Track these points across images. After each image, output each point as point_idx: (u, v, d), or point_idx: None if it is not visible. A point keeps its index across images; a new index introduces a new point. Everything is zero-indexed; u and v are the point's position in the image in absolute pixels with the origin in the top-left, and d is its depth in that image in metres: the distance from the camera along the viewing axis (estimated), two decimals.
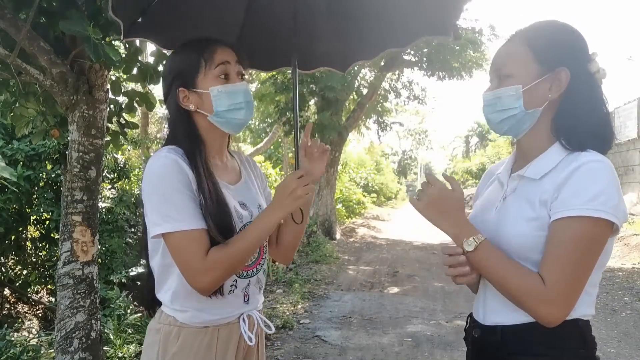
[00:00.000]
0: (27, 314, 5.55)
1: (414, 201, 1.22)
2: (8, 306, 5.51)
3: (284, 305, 5.50)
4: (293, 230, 1.47)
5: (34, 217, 5.46)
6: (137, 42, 2.83)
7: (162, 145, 1.36)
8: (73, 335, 2.52)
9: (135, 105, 3.15)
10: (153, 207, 1.22)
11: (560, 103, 1.16)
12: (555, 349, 1.11)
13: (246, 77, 1.41)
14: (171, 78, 1.34)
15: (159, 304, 1.35)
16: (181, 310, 1.29)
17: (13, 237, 5.41)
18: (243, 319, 1.35)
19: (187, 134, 1.32)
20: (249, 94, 1.35)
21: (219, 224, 1.24)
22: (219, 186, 1.29)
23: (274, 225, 1.30)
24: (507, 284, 1.09)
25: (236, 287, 1.34)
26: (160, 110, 17.59)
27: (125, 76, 3.06)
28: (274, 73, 10.16)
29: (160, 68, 3.04)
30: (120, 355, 3.52)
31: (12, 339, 3.63)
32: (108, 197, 5.77)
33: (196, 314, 1.29)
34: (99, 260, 4.22)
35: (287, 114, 10.35)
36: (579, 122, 1.14)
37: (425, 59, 10.23)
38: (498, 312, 1.19)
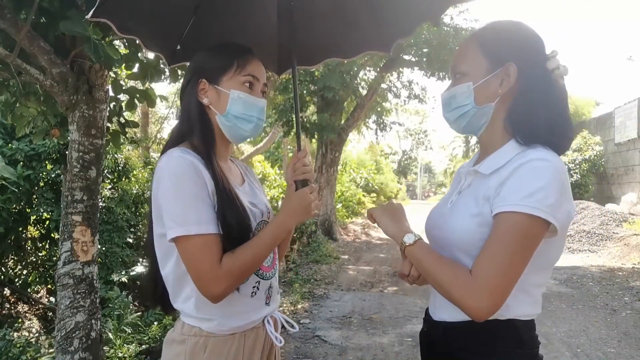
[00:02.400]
0: (27, 314, 5.55)
1: (372, 209, 1.30)
2: (8, 306, 5.51)
3: (284, 305, 5.50)
4: (282, 242, 1.48)
5: (34, 217, 5.46)
6: (138, 40, 2.83)
7: (172, 139, 1.34)
8: (73, 335, 2.52)
9: (136, 102, 3.15)
10: (168, 210, 1.19)
11: (514, 99, 1.17)
12: (490, 347, 1.12)
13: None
14: (196, 69, 1.35)
15: (174, 311, 1.32)
16: (207, 319, 1.25)
17: (13, 237, 5.41)
18: (268, 320, 1.34)
19: (204, 129, 1.31)
20: (264, 113, 1.36)
21: (239, 222, 1.23)
22: (232, 186, 1.29)
23: (285, 234, 1.30)
24: (438, 277, 1.10)
25: (259, 289, 1.32)
26: (161, 110, 17.62)
27: (124, 73, 3.06)
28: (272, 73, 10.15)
29: (161, 65, 3.04)
30: (120, 355, 3.52)
31: (12, 339, 3.63)
32: (108, 197, 5.77)
33: (223, 321, 1.26)
34: (99, 260, 4.22)
35: (288, 115, 10.33)
36: (533, 117, 1.14)
37: (425, 59, 10.22)
38: (443, 309, 1.21)
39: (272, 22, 1.73)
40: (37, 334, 4.59)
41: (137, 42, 1.67)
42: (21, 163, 5.08)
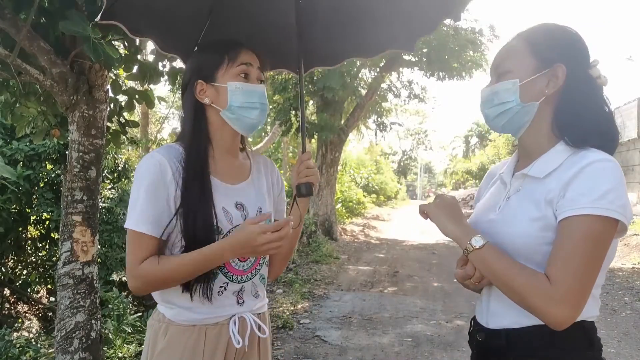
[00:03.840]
0: (27, 314, 5.55)
1: (424, 206, 1.24)
2: (8, 306, 5.51)
3: (284, 305, 5.50)
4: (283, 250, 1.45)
5: (34, 217, 5.46)
6: (137, 41, 2.83)
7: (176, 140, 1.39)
8: (73, 335, 2.52)
9: (135, 103, 3.15)
10: (129, 202, 1.28)
11: (560, 100, 1.15)
12: (563, 351, 1.09)
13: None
14: (191, 72, 1.37)
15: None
16: (169, 307, 1.31)
17: (13, 237, 5.40)
18: (234, 320, 1.32)
19: (193, 130, 1.33)
20: (265, 98, 1.37)
21: (200, 223, 1.25)
22: (210, 186, 1.29)
23: (217, 264, 1.26)
24: (512, 283, 1.06)
25: (226, 289, 1.32)
26: (161, 110, 17.62)
27: (124, 74, 3.06)
28: (272, 73, 10.16)
29: (160, 67, 3.04)
30: (120, 355, 3.52)
31: (12, 339, 3.63)
32: (108, 197, 5.77)
33: (181, 311, 1.29)
34: (99, 260, 4.22)
35: (287, 114, 10.33)
36: (581, 119, 1.13)
37: (425, 59, 10.23)
38: (502, 316, 1.17)
39: (290, 23, 1.72)
40: (37, 334, 4.59)
41: (136, 42, 1.66)
42: (21, 163, 5.07)
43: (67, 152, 2.62)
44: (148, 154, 1.30)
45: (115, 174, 6.22)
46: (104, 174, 5.72)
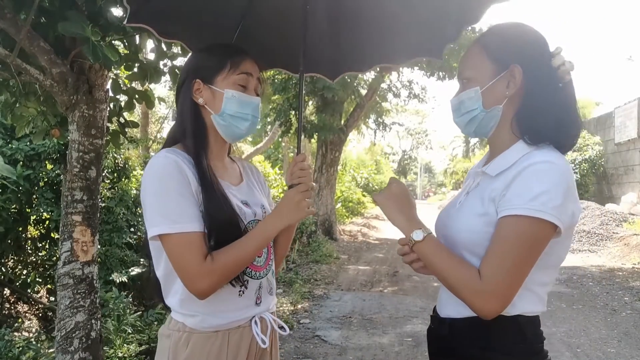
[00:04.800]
0: (27, 314, 5.55)
1: (376, 195, 1.29)
2: (8, 306, 5.51)
3: (284, 305, 5.50)
4: (282, 243, 1.49)
5: (34, 217, 5.46)
6: (137, 40, 2.83)
7: (167, 140, 1.37)
8: (73, 335, 2.52)
9: (135, 102, 3.15)
10: (151, 208, 1.21)
11: (522, 100, 1.18)
12: (495, 342, 1.14)
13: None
14: (191, 70, 1.36)
15: (169, 309, 1.34)
16: (190, 315, 1.27)
17: (13, 237, 5.40)
18: (255, 321, 1.33)
19: (195, 128, 1.33)
20: (258, 111, 1.37)
21: (224, 221, 1.24)
22: (222, 185, 1.30)
23: (274, 234, 1.30)
24: (446, 276, 1.13)
25: (247, 288, 1.32)
26: (161, 110, 17.61)
27: (124, 74, 3.06)
28: (273, 73, 10.16)
29: (160, 66, 3.04)
30: (120, 355, 3.52)
31: (12, 339, 3.63)
32: (108, 197, 5.77)
33: (205, 318, 1.27)
34: (99, 260, 4.21)
35: (287, 115, 10.33)
36: (540, 117, 1.15)
37: (424, 59, 10.21)
38: (448, 305, 1.24)
39: (323, 29, 1.74)
40: (37, 334, 4.59)
41: (136, 42, 1.68)
42: (21, 163, 5.07)
43: (67, 152, 2.62)
44: (158, 156, 1.26)
45: (115, 174, 6.22)
46: (104, 174, 5.72)
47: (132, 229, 6.04)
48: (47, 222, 5.49)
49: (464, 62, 1.26)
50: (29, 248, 5.75)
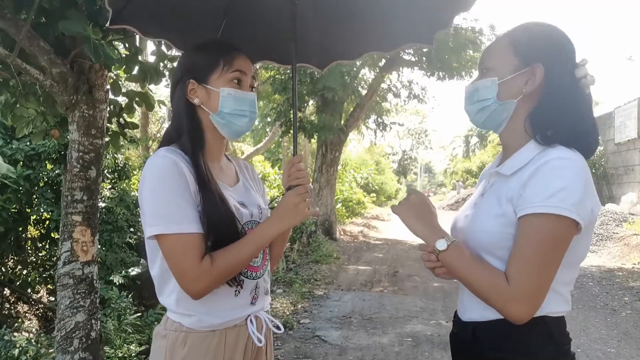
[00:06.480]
0: (27, 314, 5.55)
1: (395, 207, 1.27)
2: (8, 306, 5.51)
3: (284, 305, 5.50)
4: (277, 244, 1.50)
5: (34, 217, 5.46)
6: (137, 41, 2.83)
7: (163, 140, 1.36)
8: (73, 335, 2.52)
9: (135, 105, 3.15)
10: (150, 208, 1.21)
11: (539, 100, 1.17)
12: (522, 344, 1.13)
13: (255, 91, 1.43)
14: (184, 70, 1.35)
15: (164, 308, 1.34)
16: (187, 315, 1.27)
17: (13, 237, 5.41)
18: (251, 320, 1.33)
19: (192, 129, 1.32)
20: (255, 106, 1.37)
21: (223, 222, 1.24)
22: (218, 187, 1.30)
23: (273, 238, 1.29)
24: (473, 282, 1.11)
25: (242, 287, 1.32)
26: (161, 111, 17.60)
27: (124, 75, 3.06)
28: (274, 73, 10.16)
29: (161, 67, 3.04)
30: (120, 355, 3.52)
31: (12, 339, 3.63)
32: (108, 197, 5.77)
33: (203, 317, 1.27)
34: (99, 260, 4.22)
35: (287, 115, 10.33)
36: (556, 121, 1.14)
37: (424, 58, 10.22)
38: (471, 309, 1.22)
39: (309, 17, 1.72)
40: (37, 334, 4.59)
41: (136, 43, 1.68)
42: (21, 163, 5.08)
43: (67, 152, 2.62)
44: (156, 155, 1.25)
45: (115, 174, 6.22)
46: (104, 174, 5.72)
47: (132, 229, 6.04)
48: (47, 222, 5.49)
49: (488, 51, 1.25)
50: (29, 248, 5.76)
